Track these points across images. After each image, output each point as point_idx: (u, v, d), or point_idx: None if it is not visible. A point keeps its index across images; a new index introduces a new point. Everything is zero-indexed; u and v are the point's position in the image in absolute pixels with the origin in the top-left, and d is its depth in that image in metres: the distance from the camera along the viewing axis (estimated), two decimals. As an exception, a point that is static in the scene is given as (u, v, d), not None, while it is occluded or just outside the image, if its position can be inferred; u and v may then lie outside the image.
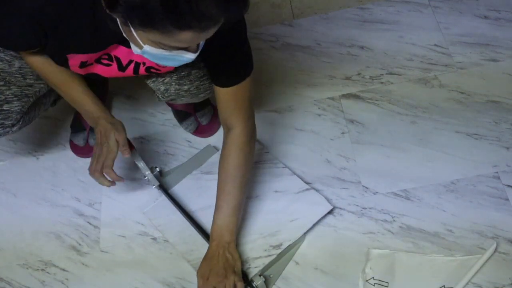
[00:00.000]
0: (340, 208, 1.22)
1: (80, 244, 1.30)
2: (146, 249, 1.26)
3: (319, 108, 1.39)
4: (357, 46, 1.49)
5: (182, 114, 1.40)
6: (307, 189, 1.22)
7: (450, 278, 1.08)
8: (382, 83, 1.40)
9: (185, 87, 1.13)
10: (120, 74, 1.07)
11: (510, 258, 1.09)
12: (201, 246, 1.19)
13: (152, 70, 1.07)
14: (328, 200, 1.21)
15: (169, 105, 1.42)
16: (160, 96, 1.18)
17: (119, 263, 1.25)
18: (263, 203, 1.22)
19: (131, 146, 1.19)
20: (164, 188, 1.28)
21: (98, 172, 1.10)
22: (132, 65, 1.05)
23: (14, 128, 1.17)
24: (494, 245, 1.09)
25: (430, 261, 1.11)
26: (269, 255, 1.14)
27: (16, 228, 1.35)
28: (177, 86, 1.13)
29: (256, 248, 1.16)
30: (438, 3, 1.51)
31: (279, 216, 1.19)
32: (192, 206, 1.26)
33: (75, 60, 1.00)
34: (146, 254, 1.25)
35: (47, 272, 1.27)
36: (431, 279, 1.08)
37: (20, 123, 1.17)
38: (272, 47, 1.54)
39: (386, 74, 1.42)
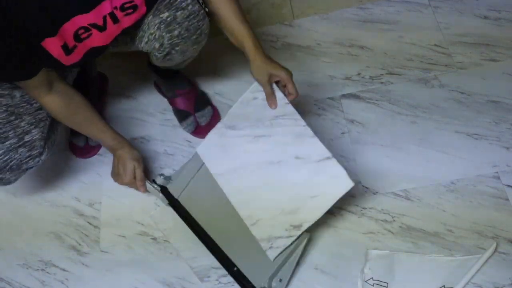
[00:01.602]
0: (340, 208, 1.22)
1: (80, 244, 1.30)
2: (146, 249, 1.26)
3: (319, 108, 1.39)
4: (357, 46, 1.49)
5: (182, 114, 1.41)
6: (328, 158, 1.12)
7: (450, 278, 1.08)
8: (382, 83, 1.40)
9: (176, 32, 1.10)
10: (109, 36, 1.05)
11: (510, 258, 1.09)
12: (205, 254, 1.18)
13: (127, 5, 1.04)
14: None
15: (170, 103, 1.42)
16: (157, 54, 1.15)
17: (119, 263, 1.25)
18: (284, 172, 1.15)
19: None
20: (173, 204, 1.25)
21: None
22: (109, 20, 1.02)
23: (43, 157, 1.18)
24: (494, 245, 1.09)
25: (430, 261, 1.11)
26: (290, 236, 1.11)
27: (16, 228, 1.35)
28: (168, 35, 1.10)
29: (277, 225, 1.13)
30: (438, 3, 1.51)
31: (300, 190, 1.13)
32: (216, 169, 1.21)
33: (53, 48, 0.99)
34: (146, 254, 1.25)
35: (47, 272, 1.27)
36: (431, 279, 1.08)
37: (46, 150, 1.18)
38: (272, 47, 1.54)
39: (386, 74, 1.42)
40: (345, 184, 1.10)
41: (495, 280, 1.07)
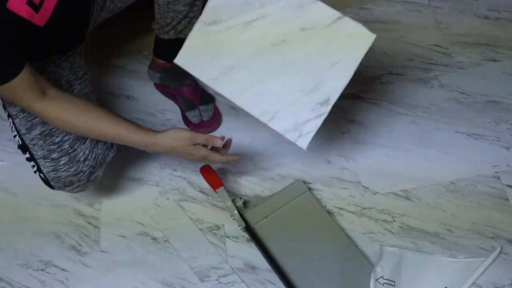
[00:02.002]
0: (340, 208, 1.22)
1: (80, 244, 1.30)
2: (146, 249, 1.26)
3: (319, 108, 1.39)
4: (357, 46, 1.49)
5: (189, 103, 1.39)
6: (339, 18, 0.99)
7: (454, 280, 1.07)
8: (382, 83, 1.40)
9: None
10: None
11: (510, 258, 1.09)
12: (205, 253, 1.18)
13: None
14: (328, 200, 1.21)
15: (177, 93, 1.41)
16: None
17: (119, 263, 1.25)
18: (292, 49, 1.01)
19: (219, 183, 1.18)
20: (250, 230, 1.18)
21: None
22: None
23: (114, 146, 1.18)
24: (499, 249, 1.09)
25: (435, 261, 1.10)
26: (319, 115, 1.00)
27: (16, 228, 1.35)
28: None
29: (301, 109, 1.01)
30: (438, 3, 1.51)
31: (316, 62, 1.00)
32: (208, 74, 1.02)
33: (20, 8, 0.92)
34: (146, 254, 1.25)
35: (47, 272, 1.27)
36: (434, 280, 1.08)
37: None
38: (272, 47, 1.53)
39: (386, 74, 1.42)
40: (366, 38, 0.98)
41: (495, 280, 1.07)
